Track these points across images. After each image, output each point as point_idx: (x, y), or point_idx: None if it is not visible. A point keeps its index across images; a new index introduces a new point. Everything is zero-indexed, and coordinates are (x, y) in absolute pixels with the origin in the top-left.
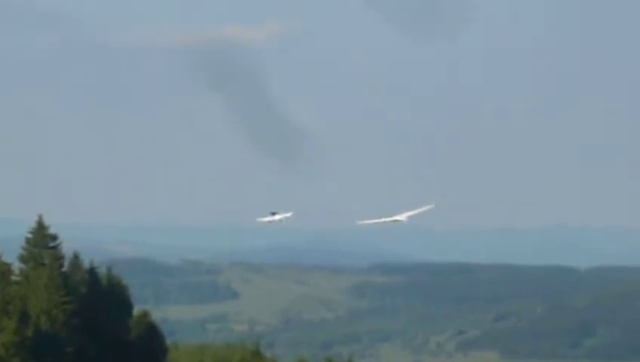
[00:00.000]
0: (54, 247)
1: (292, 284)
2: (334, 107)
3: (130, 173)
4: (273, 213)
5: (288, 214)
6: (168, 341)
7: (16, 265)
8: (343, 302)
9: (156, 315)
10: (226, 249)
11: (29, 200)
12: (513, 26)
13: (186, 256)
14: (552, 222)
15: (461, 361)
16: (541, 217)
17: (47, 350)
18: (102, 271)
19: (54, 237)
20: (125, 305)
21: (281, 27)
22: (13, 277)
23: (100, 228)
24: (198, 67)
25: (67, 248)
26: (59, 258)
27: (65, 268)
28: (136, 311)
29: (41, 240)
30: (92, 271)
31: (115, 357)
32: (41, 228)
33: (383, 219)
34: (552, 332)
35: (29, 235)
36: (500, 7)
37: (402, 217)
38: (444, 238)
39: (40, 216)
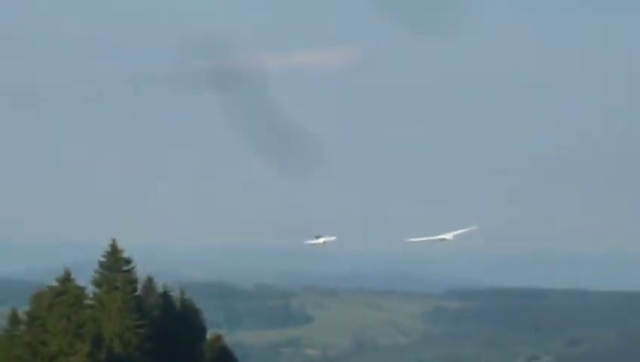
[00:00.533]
0: (128, 271)
1: (365, 309)
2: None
3: (203, 195)
4: (318, 237)
5: (332, 238)
6: None
7: (90, 289)
8: (417, 327)
9: (229, 339)
10: (298, 273)
11: (102, 223)
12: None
13: (259, 280)
14: (621, 247)
15: None
16: (612, 243)
17: None
18: (175, 294)
19: (128, 261)
20: (198, 328)
21: None
22: (87, 301)
23: (173, 251)
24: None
25: (141, 271)
26: (132, 281)
27: (138, 292)
28: (209, 334)
29: (115, 263)
30: (165, 294)
31: None
32: (114, 251)
33: (431, 238)
34: (626, 360)
35: (103, 259)
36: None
37: (449, 236)
38: (517, 263)
39: (113, 240)
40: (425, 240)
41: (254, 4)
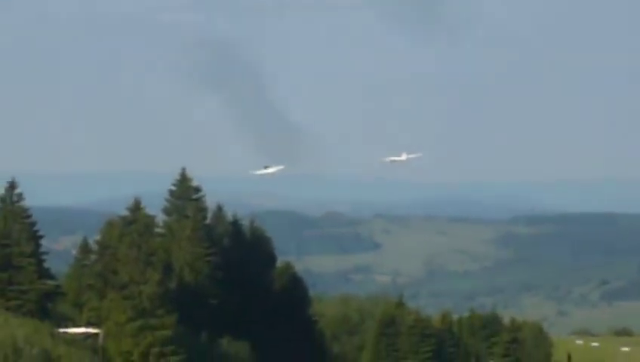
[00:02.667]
0: (197, 199)
1: (435, 236)
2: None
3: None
4: (266, 166)
5: (281, 167)
6: (311, 292)
7: (160, 218)
8: (487, 253)
9: (299, 267)
10: (367, 201)
11: (172, 154)
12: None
13: (329, 208)
14: None
15: (605, 311)
16: None
17: (190, 302)
18: (245, 223)
19: (197, 190)
20: (268, 257)
21: None
22: (157, 230)
23: (243, 180)
24: None
25: (210, 200)
26: (202, 210)
27: (208, 221)
28: (279, 262)
29: (185, 192)
30: (235, 223)
31: (259, 309)
32: (184, 180)
33: (388, 159)
34: None
35: (173, 188)
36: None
37: (402, 157)
38: (588, 188)
39: (183, 169)
40: (386, 160)
41: None
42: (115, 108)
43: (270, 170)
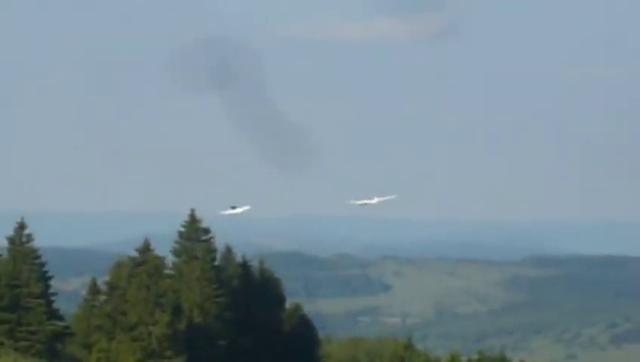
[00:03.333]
0: (207, 241)
1: (444, 277)
2: None
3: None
4: (233, 207)
5: (247, 207)
6: (321, 334)
7: (170, 259)
8: (496, 295)
9: (308, 308)
10: (376, 242)
11: (181, 194)
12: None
13: (338, 249)
14: None
15: (614, 354)
16: None
17: (200, 342)
18: (254, 264)
19: (207, 231)
20: (278, 298)
21: None
22: (167, 271)
23: (251, 221)
24: None
25: (219, 241)
26: (211, 251)
27: (217, 262)
28: (288, 304)
29: (194, 233)
30: (244, 264)
31: (268, 350)
32: (193, 221)
33: (357, 201)
34: None
35: (182, 229)
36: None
37: (374, 201)
38: (598, 230)
39: (192, 210)
40: (356, 203)
41: None
42: (120, 145)
43: (238, 210)
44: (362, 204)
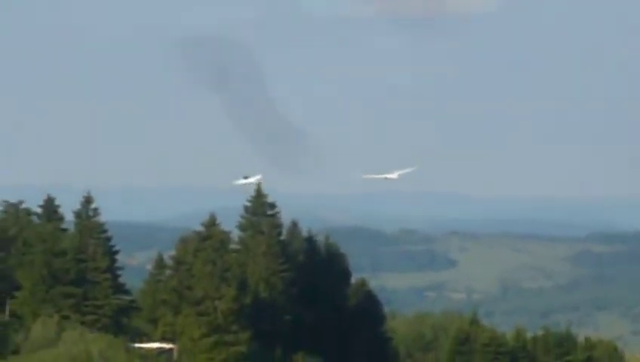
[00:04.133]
0: (273, 215)
1: (509, 253)
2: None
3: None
4: (246, 177)
5: (259, 176)
6: (386, 309)
7: (235, 233)
8: (561, 271)
9: (374, 283)
10: (442, 218)
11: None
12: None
13: (403, 224)
14: None
15: None
16: None
17: (265, 317)
18: (320, 239)
19: (272, 206)
20: (343, 273)
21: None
22: (232, 245)
23: (318, 196)
24: None
25: (285, 216)
26: (277, 226)
27: (283, 236)
28: (354, 279)
29: (260, 208)
30: (310, 239)
31: (334, 325)
32: (259, 196)
33: (378, 176)
34: None
35: (248, 203)
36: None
37: (394, 175)
38: None
39: (258, 185)
40: (374, 177)
41: None
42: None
43: (251, 180)
44: (384, 178)
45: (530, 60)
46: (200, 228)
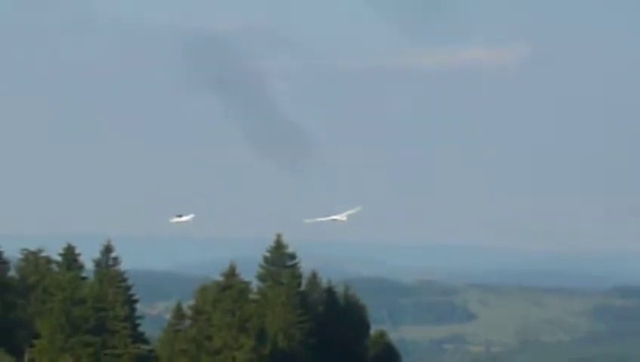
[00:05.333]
0: (292, 266)
1: (529, 306)
2: None
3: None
4: (179, 215)
5: (191, 215)
6: (405, 361)
7: (255, 284)
8: (581, 325)
9: (393, 335)
10: (461, 270)
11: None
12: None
13: (423, 276)
14: None
15: None
16: None
17: None
18: (339, 289)
19: (292, 256)
20: (362, 324)
21: None
22: (252, 296)
23: (338, 246)
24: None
25: (305, 267)
26: (297, 276)
27: (303, 287)
28: (373, 330)
29: (280, 258)
30: (330, 290)
31: None
32: (279, 246)
33: (323, 219)
34: None
35: (268, 254)
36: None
37: (342, 217)
38: None
39: (278, 235)
40: (320, 221)
41: None
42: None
43: (184, 218)
44: (331, 220)
45: (554, 106)
46: (219, 278)
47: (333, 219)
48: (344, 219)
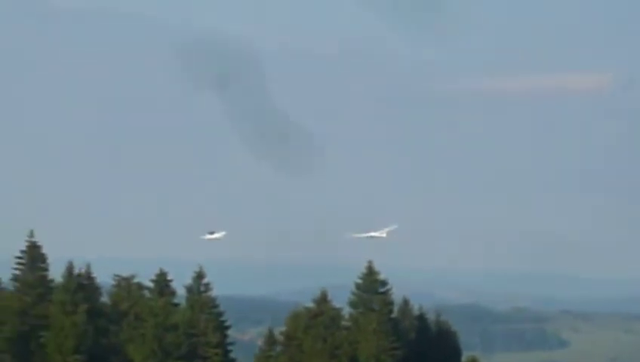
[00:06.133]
0: (384, 293)
1: (621, 333)
2: None
3: (461, 222)
4: (211, 232)
5: (223, 233)
6: None
7: (347, 310)
8: None
9: None
10: (553, 297)
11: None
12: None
13: (515, 303)
14: None
15: None
16: None
17: None
18: (431, 316)
19: (384, 283)
20: (454, 351)
21: None
22: (343, 322)
23: (429, 273)
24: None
25: (396, 293)
26: (388, 303)
27: (394, 314)
28: (464, 357)
29: (371, 285)
30: (421, 316)
31: None
32: (371, 273)
33: (364, 235)
34: None
35: (359, 281)
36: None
37: (381, 233)
38: None
39: (370, 262)
40: (366, 236)
41: None
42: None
43: (216, 235)
44: (369, 237)
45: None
46: (311, 305)
47: (371, 236)
48: (384, 235)
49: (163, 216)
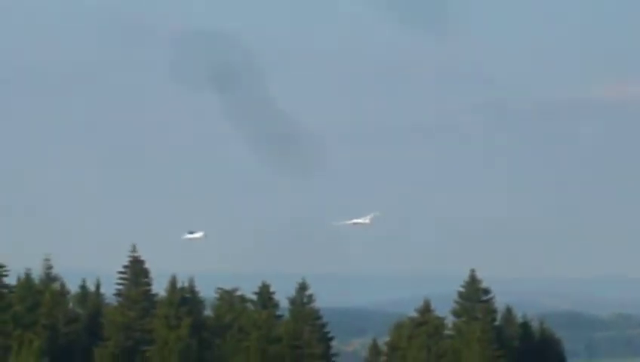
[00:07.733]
0: (487, 301)
1: None
2: None
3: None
4: (191, 232)
5: (202, 232)
6: None
7: (450, 319)
8: None
9: None
10: None
11: (458, 256)
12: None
13: (618, 309)
14: None
15: None
16: None
17: None
18: (534, 324)
19: (487, 291)
20: (558, 358)
21: None
22: (446, 331)
23: (532, 281)
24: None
25: (499, 302)
26: (492, 311)
27: (498, 322)
28: None
29: (474, 294)
30: (525, 324)
31: None
32: (473, 282)
33: (348, 222)
34: None
35: (462, 289)
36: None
37: (365, 220)
38: None
39: (472, 271)
40: (350, 223)
41: None
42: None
43: (196, 235)
44: (353, 224)
45: None
46: (414, 314)
47: (355, 223)
48: (367, 221)
49: (261, 229)
